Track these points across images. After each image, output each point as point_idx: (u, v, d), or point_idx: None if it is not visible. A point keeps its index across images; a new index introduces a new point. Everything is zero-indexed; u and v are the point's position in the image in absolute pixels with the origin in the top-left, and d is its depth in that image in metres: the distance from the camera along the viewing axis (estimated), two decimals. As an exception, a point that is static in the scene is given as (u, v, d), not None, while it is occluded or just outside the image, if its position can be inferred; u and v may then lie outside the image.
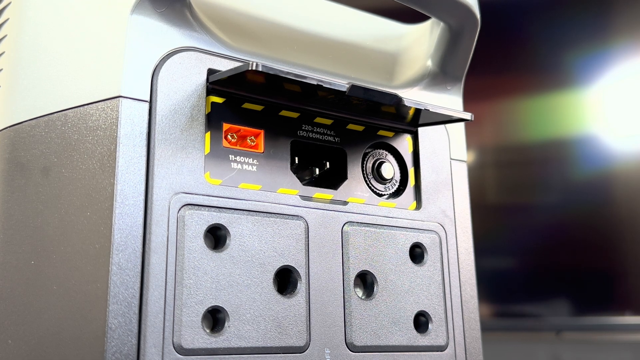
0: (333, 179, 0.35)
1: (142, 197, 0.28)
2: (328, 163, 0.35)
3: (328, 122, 0.35)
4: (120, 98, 0.28)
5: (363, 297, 0.33)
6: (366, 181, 0.35)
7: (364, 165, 0.36)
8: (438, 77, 0.39)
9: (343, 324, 0.32)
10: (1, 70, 0.33)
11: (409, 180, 0.37)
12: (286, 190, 0.32)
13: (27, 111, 0.31)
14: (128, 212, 0.27)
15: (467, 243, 0.37)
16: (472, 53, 0.38)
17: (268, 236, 0.30)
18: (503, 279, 0.77)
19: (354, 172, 0.35)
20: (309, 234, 0.32)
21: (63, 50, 0.31)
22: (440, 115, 0.34)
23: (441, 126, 0.38)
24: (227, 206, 0.30)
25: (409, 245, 0.35)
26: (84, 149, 0.29)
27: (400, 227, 0.35)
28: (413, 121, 0.36)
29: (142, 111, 0.29)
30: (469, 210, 0.38)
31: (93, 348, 0.26)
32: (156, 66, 0.29)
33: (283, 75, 0.28)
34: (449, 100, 0.39)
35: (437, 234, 0.36)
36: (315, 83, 0.29)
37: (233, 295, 0.29)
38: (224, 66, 0.31)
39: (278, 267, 0.30)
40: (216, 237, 0.30)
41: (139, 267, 0.27)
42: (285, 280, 0.31)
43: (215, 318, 0.29)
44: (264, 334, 0.29)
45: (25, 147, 0.30)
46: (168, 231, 0.28)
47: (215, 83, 0.30)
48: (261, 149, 0.32)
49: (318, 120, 0.34)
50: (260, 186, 0.31)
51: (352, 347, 0.32)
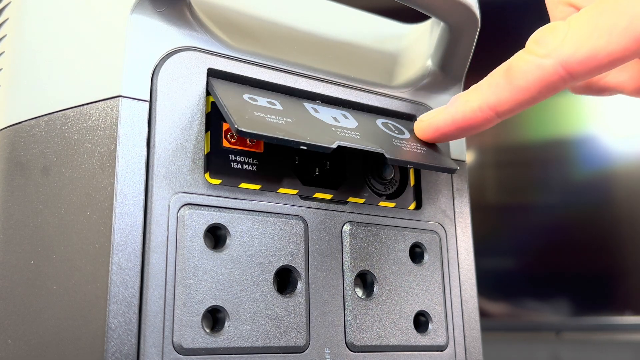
0: (333, 179, 0.35)
1: (142, 197, 0.28)
2: (328, 163, 0.35)
3: (328, 122, 0.35)
4: (120, 98, 0.28)
5: (363, 297, 0.33)
6: (366, 181, 0.35)
7: (364, 165, 0.36)
8: (438, 77, 0.39)
9: (343, 324, 0.32)
10: (1, 69, 0.33)
11: (409, 180, 0.37)
12: (286, 190, 0.32)
13: (27, 111, 0.31)
14: (128, 212, 0.27)
15: (467, 243, 0.37)
16: (472, 53, 0.38)
17: (268, 236, 0.30)
18: (503, 279, 0.77)
19: (354, 172, 0.35)
20: (309, 234, 0.32)
21: (63, 49, 0.31)
22: (424, 166, 0.33)
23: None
24: (227, 206, 0.30)
25: (409, 245, 0.35)
26: (84, 149, 0.29)
27: (400, 227, 0.35)
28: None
29: (142, 111, 0.29)
30: (469, 210, 0.38)
31: (93, 348, 0.26)
32: (156, 66, 0.29)
33: (267, 140, 0.28)
34: (449, 100, 0.39)
35: (437, 234, 0.36)
36: (299, 147, 0.29)
37: (233, 294, 0.29)
38: (224, 66, 0.31)
39: (278, 267, 0.30)
40: (216, 237, 0.30)
41: (139, 267, 0.27)
42: (285, 280, 0.31)
43: (215, 318, 0.29)
44: (264, 334, 0.29)
45: (25, 147, 0.30)
46: (168, 231, 0.28)
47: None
48: (261, 149, 0.32)
49: (318, 120, 0.34)
50: (260, 186, 0.31)
51: (352, 347, 0.32)
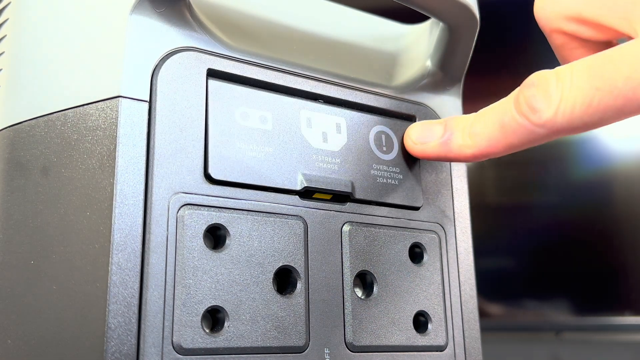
0: (332, 179, 0.35)
1: (142, 197, 0.28)
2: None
3: (327, 122, 0.35)
4: (119, 98, 0.28)
5: (362, 297, 0.33)
6: (366, 181, 0.35)
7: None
8: (437, 77, 0.39)
9: (342, 324, 0.32)
10: (1, 70, 0.33)
11: (409, 180, 0.37)
12: (286, 190, 0.32)
13: (27, 111, 0.31)
14: (128, 212, 0.27)
15: (467, 243, 0.37)
16: (472, 53, 0.38)
17: (267, 236, 0.30)
18: (503, 279, 0.77)
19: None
20: (309, 234, 0.32)
21: (62, 50, 0.31)
22: (387, 204, 0.35)
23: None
24: (227, 206, 0.30)
25: (409, 245, 0.35)
26: (84, 149, 0.29)
27: (399, 227, 0.35)
28: None
29: (142, 111, 0.29)
30: (469, 210, 0.38)
31: (93, 348, 0.26)
32: (156, 66, 0.29)
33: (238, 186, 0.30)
34: (449, 100, 0.39)
35: (437, 234, 0.36)
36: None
37: (232, 295, 0.29)
38: (224, 66, 0.31)
39: (277, 267, 0.30)
40: (216, 237, 0.30)
41: (139, 267, 0.27)
42: (284, 280, 0.31)
43: (214, 318, 0.29)
44: (264, 334, 0.29)
45: (24, 147, 0.30)
46: (167, 231, 0.28)
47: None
48: (261, 149, 0.32)
49: (317, 120, 0.34)
50: (260, 186, 0.31)
51: (352, 347, 0.32)
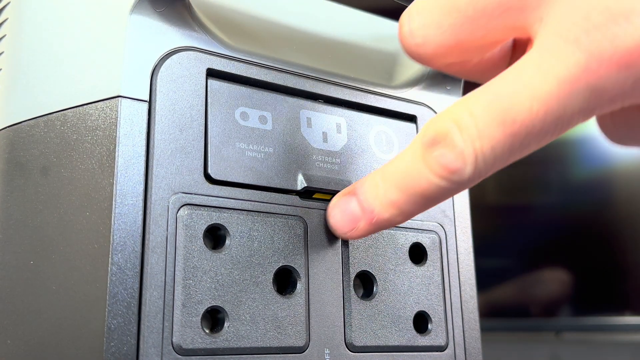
0: (333, 179, 0.35)
1: (142, 197, 0.28)
2: (328, 163, 0.35)
3: (328, 122, 0.34)
4: (119, 98, 0.28)
5: (363, 297, 0.33)
6: (366, 181, 0.35)
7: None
8: (438, 77, 0.39)
9: (342, 324, 0.32)
10: (0, 70, 0.33)
11: (409, 180, 0.37)
12: (286, 190, 0.32)
13: (26, 111, 0.31)
14: (127, 212, 0.27)
15: (467, 243, 0.37)
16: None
17: (268, 236, 0.30)
18: (503, 279, 0.77)
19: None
20: (309, 234, 0.32)
21: (62, 50, 0.31)
22: None
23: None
24: (227, 206, 0.30)
25: (409, 245, 0.35)
26: (83, 149, 0.29)
27: (399, 227, 0.35)
28: None
29: (142, 111, 0.29)
30: (469, 210, 0.38)
31: (92, 348, 0.26)
32: (155, 66, 0.29)
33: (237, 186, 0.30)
34: (449, 100, 0.39)
35: (437, 234, 0.36)
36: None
37: (232, 295, 0.29)
38: (224, 66, 0.31)
39: (277, 267, 0.30)
40: (215, 237, 0.30)
41: (138, 267, 0.27)
42: (284, 280, 0.31)
43: (214, 318, 0.29)
44: (264, 334, 0.29)
45: (24, 147, 0.30)
46: (167, 231, 0.28)
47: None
48: (261, 149, 0.32)
49: (317, 120, 0.34)
50: (260, 186, 0.31)
51: (352, 347, 0.32)
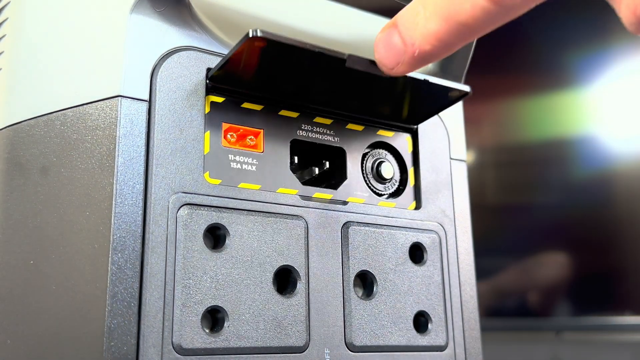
0: (332, 179, 0.35)
1: (141, 197, 0.28)
2: (327, 163, 0.35)
3: (328, 122, 0.35)
4: (119, 97, 0.28)
5: (363, 297, 0.33)
6: (366, 181, 0.35)
7: (364, 164, 0.35)
8: (438, 77, 0.39)
9: (343, 324, 0.32)
10: (0, 69, 0.33)
11: (409, 180, 0.37)
12: (286, 190, 0.32)
13: (26, 111, 0.31)
14: (127, 212, 0.27)
15: (467, 243, 0.37)
16: (472, 53, 0.38)
17: (267, 236, 0.30)
18: (502, 279, 0.77)
19: (354, 172, 0.35)
20: (309, 234, 0.32)
21: (62, 49, 0.31)
22: (438, 87, 0.33)
23: (441, 125, 0.38)
24: (227, 206, 0.30)
25: (409, 245, 0.35)
26: (83, 149, 0.29)
27: (399, 227, 0.35)
28: (410, 115, 0.36)
29: (141, 111, 0.29)
30: (469, 210, 0.38)
31: (92, 348, 0.26)
32: (155, 65, 0.29)
33: (285, 41, 0.27)
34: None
35: (437, 234, 0.36)
36: (316, 50, 0.28)
37: (232, 295, 0.29)
38: (224, 66, 0.31)
39: (277, 267, 0.30)
40: (215, 237, 0.30)
41: (138, 267, 0.27)
42: (284, 280, 0.31)
43: (214, 318, 0.29)
44: (264, 334, 0.29)
45: (24, 147, 0.30)
46: (167, 231, 0.28)
47: (214, 79, 0.30)
48: (261, 149, 0.32)
49: (318, 119, 0.34)
50: (259, 186, 0.31)
51: (352, 347, 0.32)
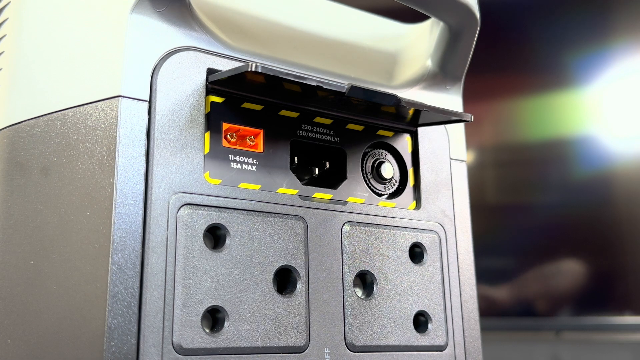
0: (332, 179, 0.35)
1: (142, 197, 0.28)
2: (327, 163, 0.35)
3: (328, 122, 0.35)
4: (119, 98, 0.28)
5: (362, 297, 0.33)
6: (366, 181, 0.35)
7: (364, 165, 0.36)
8: (438, 77, 0.39)
9: (342, 324, 0.32)
10: (0, 69, 0.33)
11: (409, 180, 0.37)
12: (286, 190, 0.32)
13: (27, 111, 0.31)
14: (127, 212, 0.27)
15: (467, 243, 0.37)
16: (472, 53, 0.38)
17: (268, 236, 0.30)
18: (502, 279, 0.77)
19: (354, 172, 0.35)
20: (309, 234, 0.32)
21: (62, 49, 0.31)
22: (439, 115, 0.34)
23: (441, 126, 0.38)
24: (227, 206, 0.30)
25: (409, 245, 0.35)
26: (84, 149, 0.29)
27: (399, 227, 0.35)
28: (413, 121, 0.36)
29: (142, 111, 0.29)
30: (469, 210, 0.38)
31: (92, 348, 0.26)
32: (155, 66, 0.29)
33: (282, 76, 0.28)
34: (449, 100, 0.39)
35: (437, 234, 0.36)
36: (314, 84, 0.29)
37: (232, 295, 0.29)
38: (224, 66, 0.31)
39: (277, 267, 0.30)
40: (216, 237, 0.30)
41: (139, 267, 0.27)
42: (284, 280, 0.31)
43: (214, 318, 0.29)
44: (264, 334, 0.29)
45: (24, 147, 0.30)
46: (167, 231, 0.28)
47: (214, 83, 0.30)
48: (261, 149, 0.32)
49: (318, 120, 0.34)
50: (259, 186, 0.31)
51: (352, 347, 0.32)
